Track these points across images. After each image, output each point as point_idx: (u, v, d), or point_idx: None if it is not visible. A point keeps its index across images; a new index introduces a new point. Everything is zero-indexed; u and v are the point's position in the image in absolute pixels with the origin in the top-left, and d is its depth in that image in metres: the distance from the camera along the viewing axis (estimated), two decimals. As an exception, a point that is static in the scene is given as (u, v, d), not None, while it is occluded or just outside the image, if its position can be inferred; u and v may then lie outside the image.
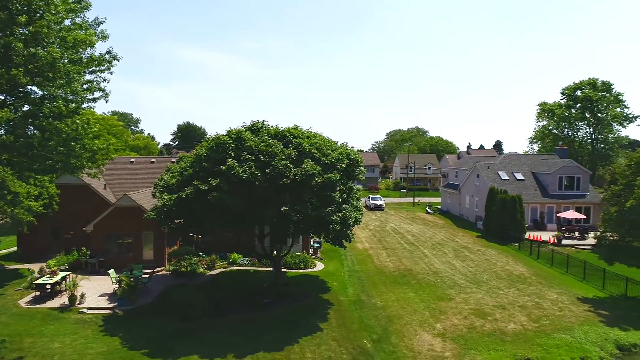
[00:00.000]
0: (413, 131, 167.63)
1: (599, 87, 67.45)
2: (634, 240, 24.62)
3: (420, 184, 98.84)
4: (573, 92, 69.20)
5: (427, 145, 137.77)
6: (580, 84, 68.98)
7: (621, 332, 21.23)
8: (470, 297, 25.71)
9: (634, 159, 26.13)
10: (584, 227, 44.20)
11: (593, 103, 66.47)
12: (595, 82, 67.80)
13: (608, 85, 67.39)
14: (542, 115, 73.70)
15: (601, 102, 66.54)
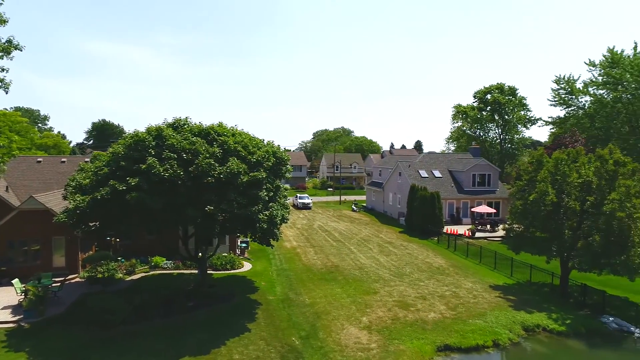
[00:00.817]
0: (339, 131, 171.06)
1: (505, 91, 73.31)
2: (536, 230, 27.02)
3: (346, 183, 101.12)
4: (484, 95, 74.58)
5: (352, 145, 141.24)
6: (489, 88, 74.52)
7: (527, 315, 23.21)
8: (394, 290, 26.75)
9: (535, 156, 28.71)
10: (495, 220, 47.83)
11: (501, 106, 72.13)
12: (503, 86, 73.62)
13: (513, 90, 73.47)
14: (457, 117, 78.61)
15: (508, 105, 72.41)
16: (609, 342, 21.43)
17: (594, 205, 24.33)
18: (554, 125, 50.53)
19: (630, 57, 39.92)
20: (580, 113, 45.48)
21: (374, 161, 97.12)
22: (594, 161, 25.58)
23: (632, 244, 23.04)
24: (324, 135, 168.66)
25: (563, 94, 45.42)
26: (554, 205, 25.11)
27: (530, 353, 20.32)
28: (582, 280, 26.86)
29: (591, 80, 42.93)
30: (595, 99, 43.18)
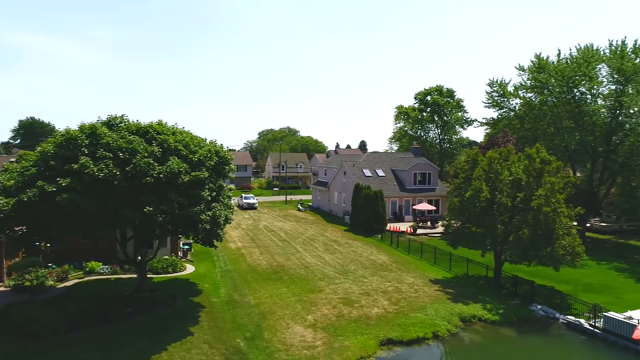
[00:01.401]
0: (285, 131, 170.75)
1: (444, 93, 76.33)
2: (472, 226, 28.42)
3: (292, 182, 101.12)
4: (424, 97, 77.21)
5: (298, 145, 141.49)
6: (429, 90, 77.27)
7: (464, 306, 24.33)
8: (339, 287, 27.10)
9: (471, 155, 30.19)
10: (435, 217, 49.73)
11: (440, 107, 75.03)
12: (442, 88, 76.60)
13: (451, 92, 76.67)
14: (399, 118, 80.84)
15: (446, 107, 75.46)
16: (537, 328, 22.94)
17: (524, 201, 25.93)
18: (488, 126, 53.30)
19: (554, 63, 42.93)
20: (512, 115, 48.26)
21: (319, 161, 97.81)
22: (523, 160, 27.26)
23: (556, 236, 24.84)
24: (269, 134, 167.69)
25: (496, 97, 48.01)
26: (487, 201, 26.50)
27: (467, 343, 21.32)
28: (514, 272, 28.54)
29: (521, 84, 45.67)
30: (524, 102, 46.00)
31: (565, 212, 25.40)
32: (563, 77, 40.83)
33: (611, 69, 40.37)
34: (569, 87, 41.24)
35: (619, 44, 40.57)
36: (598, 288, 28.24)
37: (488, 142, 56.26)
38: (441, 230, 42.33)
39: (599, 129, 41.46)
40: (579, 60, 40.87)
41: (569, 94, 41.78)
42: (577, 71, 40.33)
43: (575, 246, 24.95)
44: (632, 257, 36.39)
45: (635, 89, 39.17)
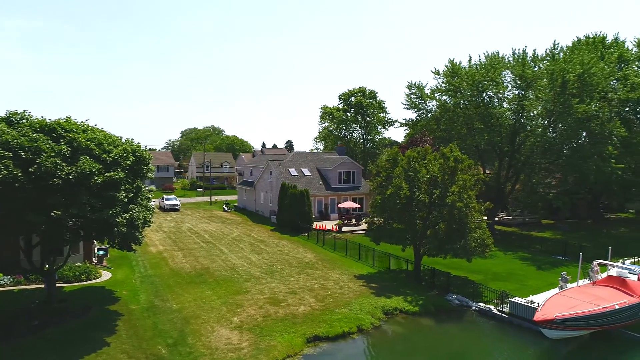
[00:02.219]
0: (209, 130, 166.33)
1: (367, 94, 78.81)
2: (394, 222, 29.64)
3: (217, 183, 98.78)
4: (348, 98, 79.17)
5: (223, 144, 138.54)
6: (353, 91, 79.37)
7: (386, 300, 25.29)
8: (266, 287, 26.94)
9: (392, 155, 31.46)
10: (359, 214, 51.16)
11: (363, 108, 77.36)
12: (364, 90, 79.00)
13: (374, 94, 79.35)
14: (324, 118, 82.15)
15: (369, 107, 77.97)
16: (453, 316, 24.45)
17: (439, 198, 27.50)
18: (407, 126, 55.81)
19: (466, 68, 46.00)
20: (429, 116, 50.93)
21: (245, 160, 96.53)
22: (439, 158, 28.90)
23: (469, 230, 26.67)
24: (192, 134, 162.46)
25: (414, 99, 50.39)
26: (407, 198, 27.75)
27: (389, 334, 22.18)
28: (432, 265, 30.17)
29: (437, 87, 48.32)
30: (440, 104, 48.76)
31: (476, 207, 27.33)
32: (473, 82, 43.87)
33: (514, 75, 44.08)
34: (478, 91, 44.40)
35: (520, 53, 44.39)
36: (505, 276, 30.69)
37: (408, 142, 59.02)
38: (365, 227, 43.62)
39: (504, 130, 45.09)
40: (487, 66, 44.14)
41: (479, 97, 45.00)
42: (486, 76, 43.54)
43: (485, 238, 26.95)
44: (533, 247, 39.98)
45: (535, 94, 43.10)
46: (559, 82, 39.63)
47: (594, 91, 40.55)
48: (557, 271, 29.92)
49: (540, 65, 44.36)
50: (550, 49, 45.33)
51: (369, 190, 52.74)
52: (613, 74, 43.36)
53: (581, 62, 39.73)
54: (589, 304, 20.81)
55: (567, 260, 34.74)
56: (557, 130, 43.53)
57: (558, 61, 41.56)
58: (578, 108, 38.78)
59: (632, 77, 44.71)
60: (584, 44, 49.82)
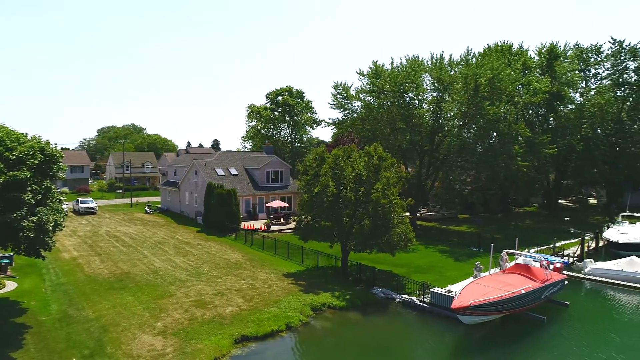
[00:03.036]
0: (129, 128, 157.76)
1: (294, 94, 79.13)
2: (321, 220, 30.08)
3: (138, 184, 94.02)
4: (275, 97, 78.96)
5: (144, 143, 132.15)
6: (280, 91, 79.29)
7: (315, 296, 25.59)
8: (191, 290, 26.12)
9: (318, 153, 31.89)
10: (287, 213, 51.26)
11: (291, 108, 77.57)
12: (292, 89, 79.26)
13: (301, 93, 79.86)
14: (251, 117, 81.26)
15: (297, 107, 78.34)
16: (379, 309, 25.33)
17: (365, 195, 28.33)
18: (334, 126, 56.77)
19: (389, 70, 47.83)
20: (354, 116, 52.26)
21: (169, 160, 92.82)
22: (364, 157, 29.78)
23: (392, 225, 27.76)
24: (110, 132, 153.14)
25: (340, 99, 51.44)
26: (334, 196, 28.28)
27: (318, 330, 22.48)
28: (358, 260, 31.03)
29: (361, 88, 49.77)
30: (364, 104, 50.22)
31: (399, 204, 28.51)
32: (395, 83, 45.73)
33: (433, 78, 46.60)
34: (400, 92, 46.36)
35: (438, 57, 47.00)
36: (426, 268, 32.35)
37: (335, 141, 60.16)
38: (294, 226, 43.76)
39: (424, 130, 47.50)
40: (408, 69, 46.21)
41: (401, 98, 46.98)
42: (407, 78, 45.56)
43: (407, 233, 28.21)
44: (451, 240, 42.54)
45: (451, 97, 45.87)
46: (472, 86, 42.51)
47: (502, 95, 43.99)
48: (472, 261, 32.04)
49: (456, 69, 47.27)
50: (464, 55, 48.44)
51: (297, 189, 53.01)
52: (518, 79, 47.35)
53: (491, 68, 42.90)
54: (499, 290, 22.57)
55: (481, 251, 37.36)
56: (471, 131, 46.64)
57: (471, 66, 44.55)
58: (489, 110, 41.84)
59: (534, 82, 49.09)
60: (494, 51, 53.82)
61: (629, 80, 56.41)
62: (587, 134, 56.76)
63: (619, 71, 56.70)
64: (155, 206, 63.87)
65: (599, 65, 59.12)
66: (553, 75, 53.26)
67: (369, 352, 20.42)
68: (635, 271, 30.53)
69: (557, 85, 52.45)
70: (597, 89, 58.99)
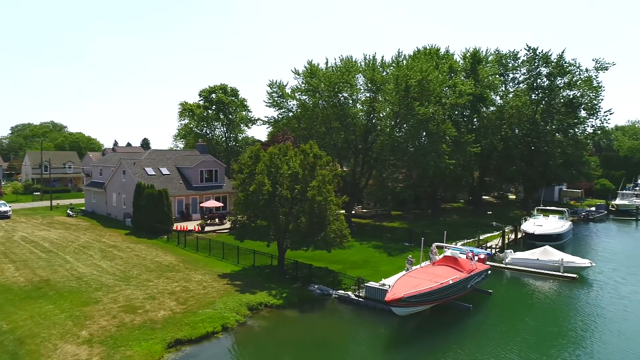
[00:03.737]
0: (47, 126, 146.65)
1: (228, 92, 77.61)
2: (257, 219, 29.80)
3: (59, 185, 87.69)
4: (209, 94, 76.95)
5: (66, 142, 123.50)
6: (214, 88, 77.41)
7: (251, 296, 25.30)
8: (120, 295, 24.82)
9: (254, 151, 31.53)
10: (223, 213, 50.21)
11: (225, 106, 76.00)
12: (226, 87, 77.68)
13: (235, 91, 78.50)
14: (183, 115, 78.54)
15: (231, 105, 76.89)
16: (315, 305, 25.56)
17: (301, 193, 28.42)
18: (269, 124, 56.36)
19: (323, 70, 48.37)
20: (290, 115, 52.26)
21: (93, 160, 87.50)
22: (299, 155, 29.87)
23: (328, 222, 28.11)
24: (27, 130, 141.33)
25: (276, 97, 51.19)
26: (270, 194, 28.11)
27: (255, 329, 22.25)
28: (295, 258, 31.09)
29: (297, 87, 49.87)
30: (300, 103, 50.38)
31: (335, 201, 28.92)
32: (330, 83, 46.33)
33: (366, 79, 47.77)
34: (335, 92, 47.04)
35: (370, 59, 48.23)
36: (361, 264, 33.11)
37: (270, 140, 59.82)
38: (229, 226, 43.00)
39: (358, 129, 48.58)
40: (342, 69, 46.99)
41: (335, 98, 47.68)
42: (341, 78, 46.31)
43: (343, 230, 28.71)
44: (385, 236, 43.88)
45: (384, 97, 47.27)
46: (403, 87, 44.10)
47: (431, 96, 46.05)
48: (405, 256, 33.18)
49: (388, 70, 48.78)
50: (396, 57, 50.08)
51: (232, 188, 52.09)
52: (445, 81, 49.81)
53: (420, 70, 44.76)
54: (429, 282, 23.63)
55: (412, 245, 38.86)
56: (402, 130, 48.37)
57: (402, 68, 46.20)
58: (419, 110, 43.65)
59: (460, 85, 51.89)
60: (423, 54, 56.19)
61: (541, 85, 61.32)
62: (507, 134, 61.12)
63: (533, 76, 61.44)
64: (79, 209, 59.88)
65: (516, 70, 63.79)
66: (476, 78, 56.69)
67: (307, 348, 20.57)
68: (549, 259, 33.29)
69: (480, 88, 55.87)
70: (514, 92, 63.65)
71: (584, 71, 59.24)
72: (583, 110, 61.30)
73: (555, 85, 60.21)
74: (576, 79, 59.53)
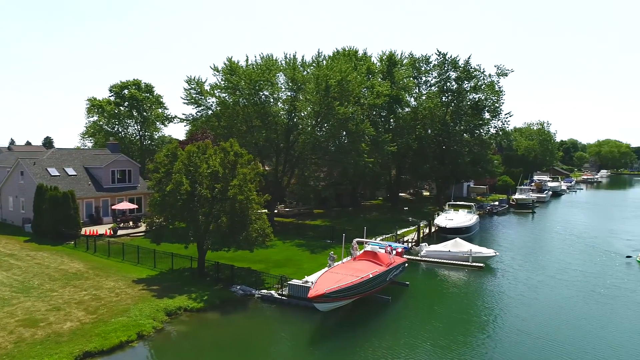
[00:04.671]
0: None
1: (142, 88, 73.55)
2: (175, 220, 28.54)
3: (-58, 189, 77.32)
4: (120, 90, 72.32)
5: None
6: (126, 84, 72.88)
7: (169, 301, 24.17)
8: (18, 308, 22.47)
9: (171, 149, 30.13)
10: (137, 216, 47.46)
11: (139, 102, 71.92)
12: (140, 83, 73.53)
13: (150, 88, 74.59)
14: (92, 111, 73.12)
15: (146, 102, 72.95)
16: (238, 306, 25.07)
17: (221, 192, 27.66)
18: (188, 122, 54.32)
19: (244, 67, 47.58)
20: (210, 113, 50.74)
21: (-15, 160, 78.18)
22: (219, 153, 29.08)
23: (250, 221, 27.69)
24: None
25: (194, 94, 49.45)
26: (189, 194, 27.04)
27: (174, 335, 21.28)
28: (216, 259, 30.23)
29: (216, 84, 48.55)
30: (220, 101, 49.09)
31: (257, 200, 28.54)
32: (251, 81, 45.71)
33: (287, 78, 47.80)
34: (255, 90, 46.49)
35: (291, 58, 48.35)
36: (284, 262, 33.06)
37: (189, 138, 57.69)
38: (145, 229, 40.78)
39: (280, 128, 48.48)
40: (263, 67, 46.60)
41: (256, 96, 47.15)
42: (262, 76, 45.90)
43: (265, 229, 28.43)
44: (307, 234, 44.23)
45: (304, 96, 47.61)
46: (323, 87, 44.75)
47: (350, 96, 47.25)
48: (327, 252, 33.67)
49: (308, 70, 49.23)
50: (316, 57, 50.74)
51: (147, 188, 49.46)
52: (364, 82, 51.42)
53: (340, 70, 45.73)
54: (351, 277, 24.18)
55: (334, 242, 39.56)
56: (323, 129, 49.11)
57: (322, 68, 46.89)
58: (339, 110, 44.56)
59: (377, 86, 53.86)
60: (342, 55, 57.49)
61: (451, 88, 65.55)
62: (421, 134, 64.55)
63: (443, 80, 65.45)
64: (-33, 215, 53.31)
65: (428, 74, 67.53)
66: (392, 80, 59.20)
67: (229, 350, 20.11)
68: (459, 250, 35.67)
69: (396, 90, 58.46)
70: (427, 94, 67.40)
71: (487, 76, 64.31)
72: (487, 113, 66.52)
73: (462, 89, 64.65)
74: (481, 84, 64.40)
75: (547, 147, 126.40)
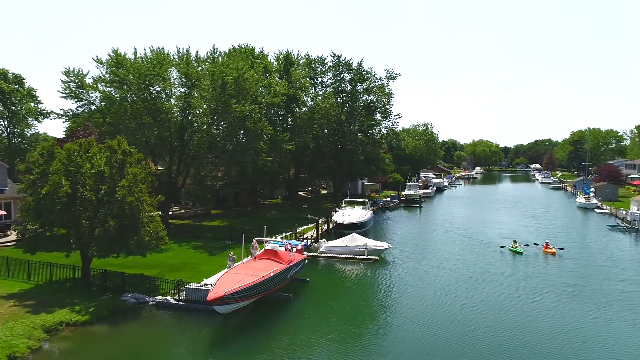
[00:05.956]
0: None
1: (10, 79, 65.16)
2: (53, 226, 25.64)
3: None
4: (-19, 81, 63.23)
5: None
6: (-11, 73, 63.93)
7: (48, 316, 21.69)
8: None
9: (46, 148, 26.96)
10: (6, 223, 41.88)
11: (5, 95, 63.59)
12: (6, 73, 65.02)
13: (20, 79, 66.39)
14: (-56, 104, 62.85)
15: (14, 95, 64.71)
16: (130, 316, 23.38)
17: (108, 193, 25.47)
18: (67, 118, 49.15)
19: (132, 60, 44.35)
20: (93, 108, 46.49)
21: None
22: (105, 152, 26.78)
23: (142, 224, 25.90)
24: None
25: (74, 87, 44.84)
26: (69, 197, 24.48)
27: (54, 354, 19.15)
28: (104, 267, 27.82)
29: (100, 77, 44.60)
30: (105, 96, 45.16)
31: (149, 201, 26.82)
32: (140, 75, 42.79)
33: (180, 73, 45.68)
34: (145, 85, 43.65)
35: (185, 52, 46.28)
36: (181, 266, 31.59)
37: (69, 136, 52.25)
38: (16, 238, 36.13)
39: (173, 125, 46.16)
40: (153, 61, 43.93)
41: (146, 91, 44.31)
42: (152, 71, 43.23)
43: (159, 231, 26.80)
44: (205, 235, 42.75)
45: (200, 93, 45.89)
46: (219, 84, 43.56)
47: (247, 94, 46.67)
48: (226, 253, 32.90)
49: (203, 66, 47.58)
50: (211, 53, 49.25)
51: (18, 192, 43.85)
52: (261, 81, 51.12)
53: (237, 68, 44.91)
54: (251, 277, 23.90)
55: (234, 243, 38.79)
56: (220, 127, 47.85)
57: (218, 64, 45.61)
58: (236, 108, 43.75)
59: (275, 85, 53.95)
60: (238, 52, 56.59)
61: (345, 89, 68.09)
62: (318, 133, 66.07)
63: (338, 81, 67.79)
64: None
65: (324, 75, 69.41)
66: (289, 79, 59.75)
67: (120, 364, 18.64)
68: (356, 245, 37.21)
69: (293, 89, 59.09)
70: (323, 95, 69.23)
71: (378, 79, 67.97)
72: (379, 114, 70.32)
73: (356, 90, 67.55)
74: (372, 86, 67.87)
75: (431, 147, 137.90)
